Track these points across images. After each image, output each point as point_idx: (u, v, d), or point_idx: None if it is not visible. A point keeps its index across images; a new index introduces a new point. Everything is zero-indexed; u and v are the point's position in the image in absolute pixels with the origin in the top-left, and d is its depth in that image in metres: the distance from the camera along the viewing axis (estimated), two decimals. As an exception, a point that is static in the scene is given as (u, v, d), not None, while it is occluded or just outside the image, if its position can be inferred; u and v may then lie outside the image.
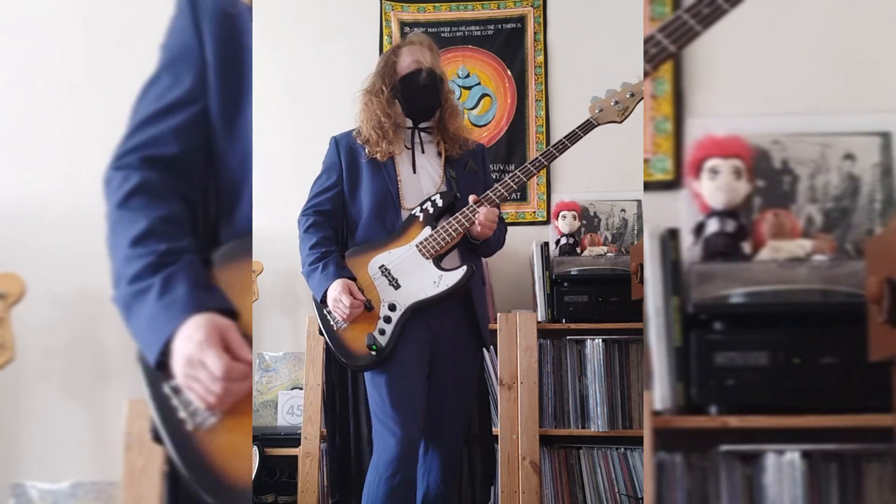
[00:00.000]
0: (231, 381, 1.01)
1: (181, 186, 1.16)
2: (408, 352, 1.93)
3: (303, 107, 3.30)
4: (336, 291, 1.91)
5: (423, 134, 2.11)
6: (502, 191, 1.99)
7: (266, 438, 2.80)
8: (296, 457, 2.72)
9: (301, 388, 2.84)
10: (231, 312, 1.05)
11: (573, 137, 2.01)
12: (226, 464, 1.01)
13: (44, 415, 2.68)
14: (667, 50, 1.09)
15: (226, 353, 1.01)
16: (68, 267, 2.47)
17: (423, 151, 2.09)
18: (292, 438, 2.76)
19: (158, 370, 1.04)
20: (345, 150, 2.09)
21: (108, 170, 1.16)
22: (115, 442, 1.04)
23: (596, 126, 2.02)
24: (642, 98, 2.00)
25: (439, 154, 2.09)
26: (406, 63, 2.07)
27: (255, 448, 2.74)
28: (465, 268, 1.95)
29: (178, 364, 1.02)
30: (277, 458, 2.78)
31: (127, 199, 1.12)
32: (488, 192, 1.99)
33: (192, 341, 1.01)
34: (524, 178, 2.00)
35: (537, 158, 2.02)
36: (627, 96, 2.01)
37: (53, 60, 2.90)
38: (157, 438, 1.05)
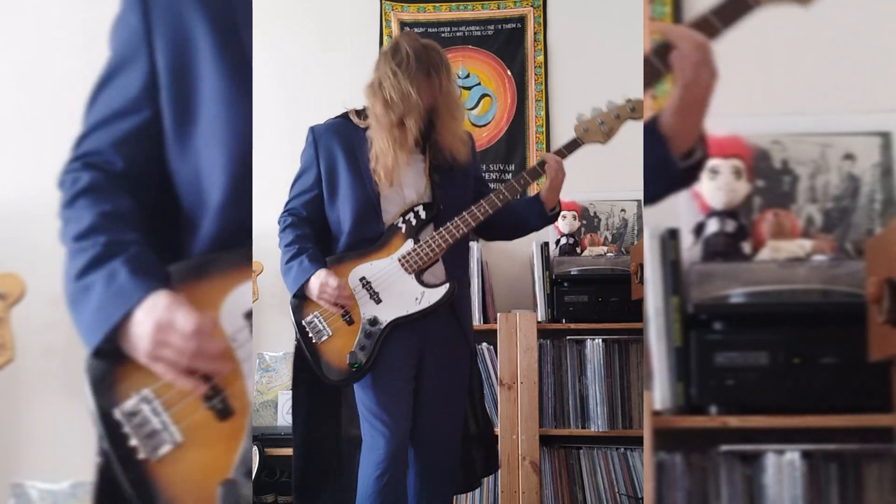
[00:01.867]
0: (204, 336, 0.98)
1: (132, 190, 1.11)
2: (395, 353, 1.93)
3: (302, 106, 3.29)
4: (322, 276, 1.87)
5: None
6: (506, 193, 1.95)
7: (266, 438, 2.80)
8: (296, 457, 2.72)
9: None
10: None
11: (559, 156, 1.99)
12: (182, 497, 0.96)
13: (44, 415, 2.68)
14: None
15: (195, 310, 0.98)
16: (68, 267, 2.47)
17: (408, 163, 1.97)
18: (292, 438, 2.75)
19: (96, 357, 1.00)
20: (324, 150, 1.99)
21: (60, 174, 1.13)
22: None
23: (581, 145, 2.00)
24: (628, 119, 1.98)
25: (423, 155, 2.00)
26: (428, 98, 1.94)
27: (255, 448, 2.74)
28: (447, 285, 1.93)
29: (142, 335, 0.98)
30: (277, 458, 2.79)
31: (74, 200, 1.09)
32: (501, 188, 1.95)
33: (157, 308, 0.98)
34: (518, 189, 1.97)
35: (531, 169, 2.00)
36: (613, 117, 1.98)
37: (53, 60, 2.90)
38: (106, 463, 0.99)
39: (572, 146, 1.99)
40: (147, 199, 1.12)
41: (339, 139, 2.00)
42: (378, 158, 1.92)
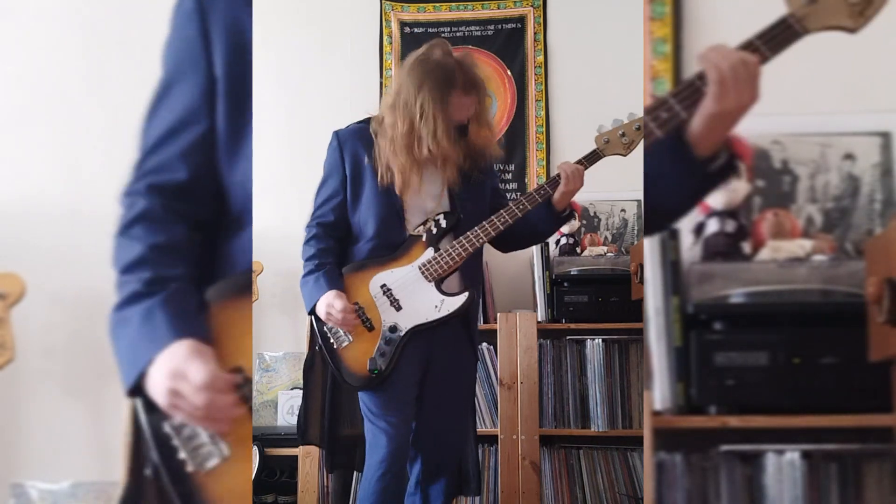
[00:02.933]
0: (216, 391, 0.99)
1: (189, 211, 1.12)
2: (403, 357, 1.94)
3: (302, 106, 3.30)
4: (329, 298, 1.89)
5: None
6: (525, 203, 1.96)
7: (266, 438, 2.80)
8: (296, 457, 2.72)
9: (301, 388, 2.84)
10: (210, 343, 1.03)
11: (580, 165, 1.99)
12: None
13: (44, 415, 2.68)
14: (678, 115, 1.09)
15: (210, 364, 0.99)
16: (68, 267, 2.47)
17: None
18: (292, 438, 2.75)
19: (132, 395, 1.02)
20: (349, 154, 1.99)
21: (121, 196, 1.13)
22: (115, 442, 1.02)
23: (602, 157, 1.99)
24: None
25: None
26: (459, 116, 1.95)
27: (256, 448, 2.74)
28: (466, 294, 1.94)
29: (159, 383, 0.99)
30: (277, 458, 2.79)
31: (129, 227, 1.10)
32: (510, 205, 1.96)
33: (175, 357, 0.99)
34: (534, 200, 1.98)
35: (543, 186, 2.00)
36: (634, 129, 1.97)
37: (53, 59, 2.90)
38: (156, 477, 1.02)
39: (593, 158, 1.99)
40: (207, 210, 1.13)
41: (364, 144, 1.99)
42: (393, 172, 1.93)
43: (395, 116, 1.92)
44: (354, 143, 2.00)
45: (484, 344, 2.77)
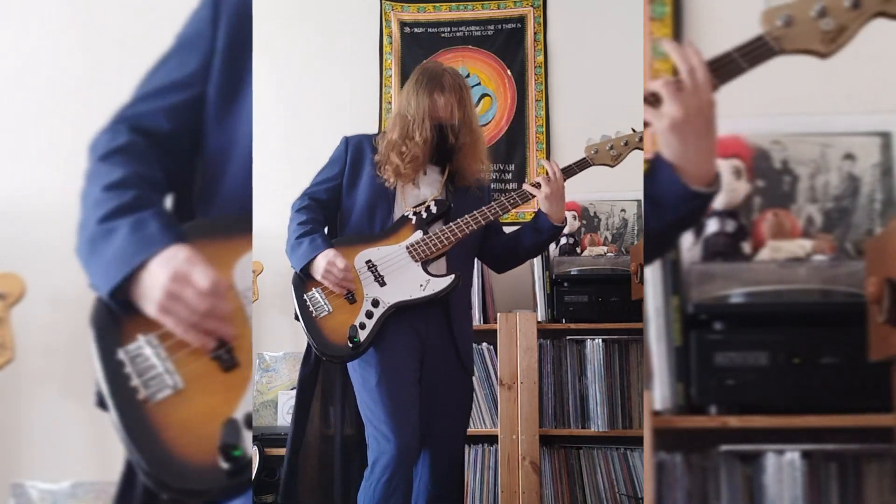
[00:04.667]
0: (219, 296, 0.99)
1: (166, 161, 1.17)
2: (399, 357, 1.93)
3: (303, 105, 3.30)
4: (330, 255, 1.89)
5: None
6: (506, 203, 2.01)
7: (266, 438, 2.80)
8: (296, 457, 2.72)
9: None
10: None
11: (569, 172, 2.04)
12: (178, 439, 0.93)
13: (44, 415, 2.68)
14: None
15: (212, 268, 0.99)
16: (68, 267, 2.47)
17: (424, 173, 2.07)
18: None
19: (112, 298, 0.99)
20: (353, 149, 2.08)
21: (96, 134, 1.16)
22: (115, 442, 1.02)
23: (590, 165, 2.05)
24: (636, 148, 2.03)
25: (441, 172, 2.09)
26: (441, 114, 2.02)
27: (255, 448, 2.74)
28: (452, 276, 1.96)
29: (155, 285, 0.98)
30: (277, 458, 2.78)
31: (110, 155, 1.12)
32: (502, 199, 2.02)
33: (176, 258, 0.98)
34: (520, 199, 2.03)
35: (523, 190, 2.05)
36: (622, 144, 2.03)
37: (52, 57, 2.90)
38: (101, 404, 0.98)
39: (582, 164, 2.05)
40: (180, 165, 1.20)
41: (370, 147, 2.09)
42: (386, 169, 2.01)
43: (394, 122, 2.05)
44: (361, 143, 2.10)
45: (484, 344, 2.77)
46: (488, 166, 2.18)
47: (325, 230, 2.05)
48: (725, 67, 1.09)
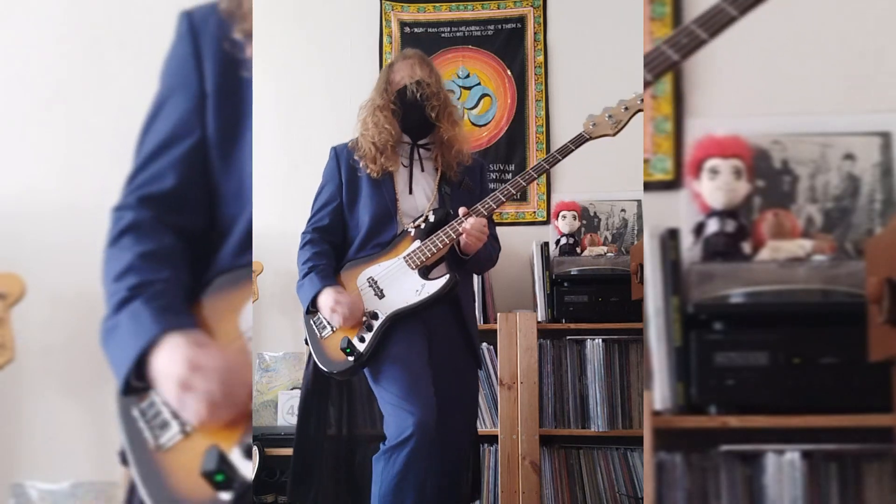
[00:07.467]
0: (231, 372, 1.00)
1: (176, 220, 1.16)
2: (409, 346, 1.95)
3: (302, 106, 3.30)
4: (333, 293, 1.94)
5: (421, 150, 2.12)
6: (491, 204, 2.01)
7: (266, 438, 2.80)
8: (296, 457, 2.72)
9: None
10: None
11: (565, 151, 2.03)
12: (182, 483, 0.99)
13: (44, 415, 2.68)
14: (670, 59, 1.11)
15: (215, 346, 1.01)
16: (68, 266, 2.47)
17: (422, 169, 2.11)
18: (292, 438, 2.75)
19: (126, 395, 1.04)
20: (345, 163, 2.11)
21: (111, 211, 1.17)
22: (115, 442, 1.03)
23: (588, 139, 2.04)
24: (636, 111, 2.03)
25: (436, 170, 2.11)
26: (398, 77, 2.10)
27: (255, 448, 2.74)
28: (448, 276, 1.96)
29: (168, 375, 1.00)
30: (277, 458, 2.78)
31: (117, 239, 1.14)
32: (477, 204, 2.01)
33: (179, 349, 1.00)
34: (513, 192, 2.03)
35: (528, 172, 2.06)
36: (622, 110, 2.03)
37: (52, 59, 2.90)
38: (124, 462, 1.05)
39: (578, 140, 2.04)
40: (198, 218, 1.18)
41: (356, 155, 2.10)
42: (365, 156, 2.06)
43: (364, 114, 2.13)
44: (350, 154, 2.11)
45: (484, 344, 2.77)
46: (464, 132, 2.18)
47: (329, 259, 2.06)
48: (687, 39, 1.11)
